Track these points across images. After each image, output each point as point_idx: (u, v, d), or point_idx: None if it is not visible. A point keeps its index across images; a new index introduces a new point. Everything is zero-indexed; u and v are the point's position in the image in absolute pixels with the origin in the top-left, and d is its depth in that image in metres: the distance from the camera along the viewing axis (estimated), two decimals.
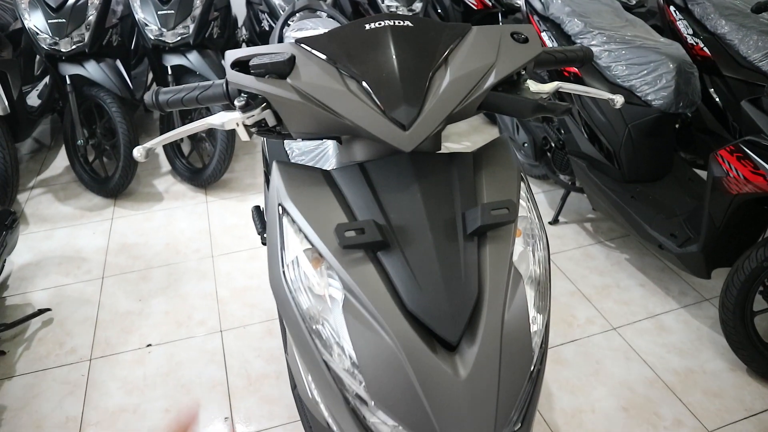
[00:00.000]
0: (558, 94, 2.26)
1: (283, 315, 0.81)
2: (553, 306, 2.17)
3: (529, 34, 0.88)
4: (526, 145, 2.57)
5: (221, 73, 2.73)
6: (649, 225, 2.03)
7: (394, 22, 0.84)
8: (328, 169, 1.28)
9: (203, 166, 2.89)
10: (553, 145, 2.42)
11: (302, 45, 0.83)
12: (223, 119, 0.83)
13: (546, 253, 0.87)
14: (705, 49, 2.34)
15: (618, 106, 0.98)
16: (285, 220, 0.81)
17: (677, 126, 2.47)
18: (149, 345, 2.00)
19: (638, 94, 2.04)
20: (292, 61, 0.80)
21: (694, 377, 1.84)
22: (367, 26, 0.84)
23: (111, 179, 2.79)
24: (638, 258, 2.39)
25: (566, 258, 2.40)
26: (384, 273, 0.75)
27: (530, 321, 0.78)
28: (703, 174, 2.48)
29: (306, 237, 0.78)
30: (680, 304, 2.15)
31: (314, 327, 0.77)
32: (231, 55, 0.83)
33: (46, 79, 3.19)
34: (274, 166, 0.86)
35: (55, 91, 3.15)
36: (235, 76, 0.81)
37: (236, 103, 0.81)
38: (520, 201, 0.85)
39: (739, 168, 1.63)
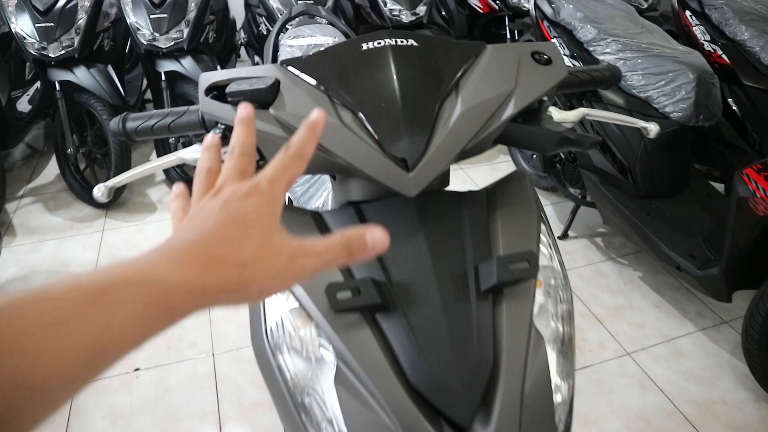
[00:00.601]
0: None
1: (266, 382, 0.70)
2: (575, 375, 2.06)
3: (552, 54, 0.76)
4: (534, 156, 2.45)
5: None
6: (666, 245, 1.91)
7: (396, 41, 0.73)
8: (324, 199, 1.17)
9: None
10: (563, 157, 2.31)
11: (288, 68, 0.72)
12: (196, 154, 0.72)
13: (570, 306, 0.75)
14: (723, 56, 2.21)
15: (652, 135, 0.86)
16: None
17: (693, 137, 2.36)
18: (137, 369, 1.89)
19: (655, 106, 1.92)
20: (275, 87, 0.69)
21: (714, 409, 1.73)
22: (364, 46, 0.73)
23: None
24: (652, 276, 2.27)
25: (576, 276, 2.29)
26: (383, 339, 0.64)
27: (553, 390, 0.67)
28: (720, 187, 2.36)
29: (293, 294, 0.67)
30: (698, 326, 2.04)
31: (300, 399, 0.66)
32: (206, 79, 0.71)
33: (38, 84, 3.09)
34: None
35: (46, 96, 3.05)
36: (209, 105, 0.69)
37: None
38: (541, 247, 0.74)
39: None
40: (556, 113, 0.76)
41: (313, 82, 0.70)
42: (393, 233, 0.69)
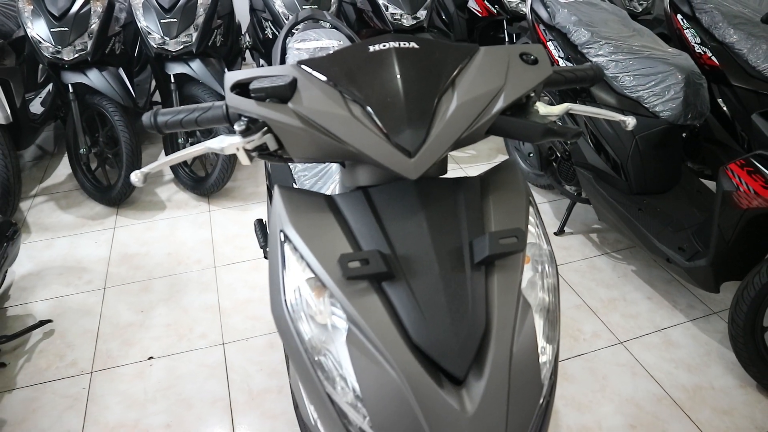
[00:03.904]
0: (568, 115, 2.24)
1: (285, 344, 0.79)
2: (560, 339, 2.14)
3: (538, 55, 0.85)
4: (531, 155, 2.54)
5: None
6: (656, 238, 2.00)
7: (399, 44, 0.82)
8: (331, 191, 1.26)
9: (206, 175, 2.87)
10: (558, 155, 2.40)
11: (304, 67, 0.81)
12: (222, 143, 0.81)
13: (555, 280, 0.84)
14: (713, 58, 2.31)
15: (630, 128, 0.95)
16: (287, 247, 0.79)
17: (684, 136, 2.44)
18: (150, 358, 1.98)
19: (646, 105, 2.01)
20: (293, 84, 0.78)
21: (702, 394, 1.81)
22: (371, 48, 0.82)
23: (113, 188, 2.78)
24: (645, 270, 2.36)
25: (572, 270, 2.37)
26: (389, 304, 0.73)
27: (539, 352, 0.76)
28: (711, 185, 2.45)
29: (308, 266, 0.76)
30: (688, 317, 2.12)
31: (316, 358, 0.75)
32: (231, 78, 0.80)
33: (49, 87, 3.18)
34: (276, 191, 0.84)
35: (57, 98, 3.14)
36: (234, 100, 0.78)
37: (236, 127, 0.79)
38: (529, 227, 0.82)
39: (750, 182, 1.60)
40: (542, 108, 0.85)
41: (326, 79, 0.79)
42: (396, 213, 0.78)
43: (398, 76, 0.78)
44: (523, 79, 0.82)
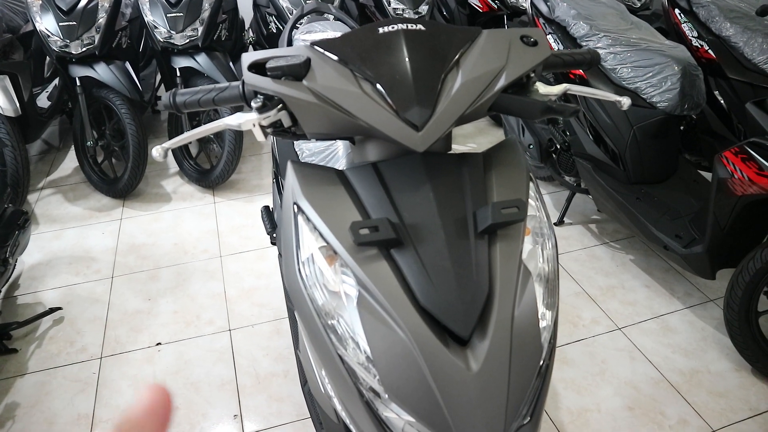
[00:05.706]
0: (565, 96, 2.28)
1: (298, 311, 0.83)
2: (559, 307, 2.18)
3: (538, 38, 0.90)
4: (531, 146, 2.58)
5: (229, 74, 2.75)
6: (654, 226, 2.04)
7: (407, 26, 0.86)
8: (339, 169, 1.30)
9: (211, 168, 2.92)
10: (558, 146, 2.44)
11: (317, 48, 0.85)
12: (240, 120, 0.85)
13: (554, 251, 0.88)
14: (710, 51, 2.35)
15: (625, 107, 1.00)
16: (300, 218, 0.83)
17: (682, 128, 2.48)
18: (159, 344, 2.02)
19: (643, 96, 2.05)
20: (307, 63, 0.82)
21: (699, 377, 1.86)
22: (381, 30, 0.86)
23: (120, 180, 2.82)
24: (643, 259, 2.40)
25: (572, 259, 2.42)
26: (397, 270, 0.77)
27: (539, 317, 0.80)
28: (707, 175, 2.49)
29: (321, 235, 0.80)
30: (685, 304, 2.16)
31: (329, 322, 0.79)
32: (248, 58, 0.85)
33: (56, 81, 3.23)
34: (289, 166, 0.88)
35: (64, 92, 3.19)
36: (252, 78, 0.83)
37: (253, 104, 0.83)
38: (529, 200, 0.87)
39: (744, 169, 1.65)
40: (541, 87, 0.89)
41: (338, 59, 0.84)
42: (404, 185, 0.83)
43: (406, 56, 0.82)
44: (524, 59, 0.86)
